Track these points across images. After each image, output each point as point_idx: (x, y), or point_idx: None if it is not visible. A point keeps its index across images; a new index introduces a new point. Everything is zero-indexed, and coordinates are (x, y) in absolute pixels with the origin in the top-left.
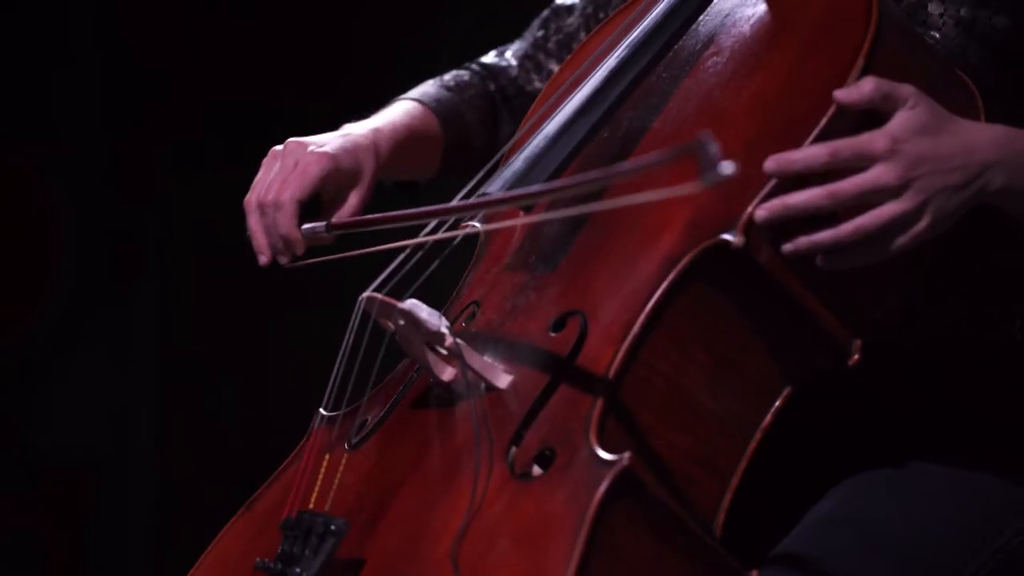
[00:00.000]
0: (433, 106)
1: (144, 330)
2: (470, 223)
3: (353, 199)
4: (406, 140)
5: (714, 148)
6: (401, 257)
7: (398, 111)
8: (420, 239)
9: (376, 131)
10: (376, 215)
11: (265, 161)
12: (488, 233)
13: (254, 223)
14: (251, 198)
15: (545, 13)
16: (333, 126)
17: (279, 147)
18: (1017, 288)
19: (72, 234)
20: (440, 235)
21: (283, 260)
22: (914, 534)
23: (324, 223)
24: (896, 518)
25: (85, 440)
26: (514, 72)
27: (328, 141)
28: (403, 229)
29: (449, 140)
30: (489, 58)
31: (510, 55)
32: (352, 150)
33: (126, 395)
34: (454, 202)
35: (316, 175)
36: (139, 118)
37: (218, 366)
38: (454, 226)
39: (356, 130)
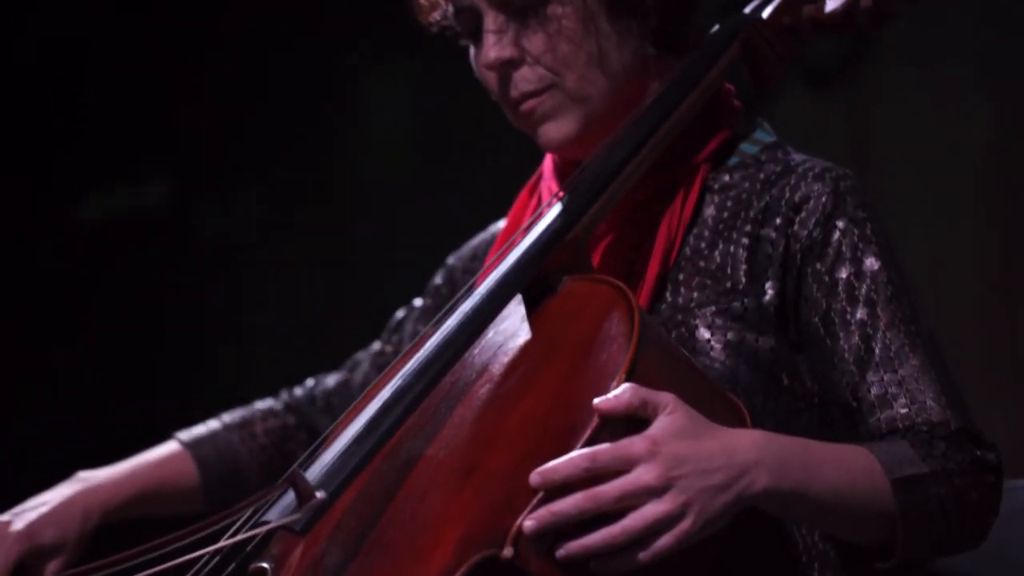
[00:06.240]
0: (194, 450)
1: None
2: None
3: (53, 567)
4: (140, 492)
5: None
6: None
7: (151, 457)
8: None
9: (94, 490)
10: (92, 564)
11: None
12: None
13: None
14: None
15: (349, 362)
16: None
17: None
18: None
19: None
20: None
21: None
22: None
23: None
24: None
25: None
26: (318, 405)
27: (31, 513)
28: None
29: (211, 482)
30: (300, 388)
31: (319, 390)
32: (55, 521)
33: None
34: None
35: (15, 555)
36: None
37: None
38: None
39: (72, 490)
